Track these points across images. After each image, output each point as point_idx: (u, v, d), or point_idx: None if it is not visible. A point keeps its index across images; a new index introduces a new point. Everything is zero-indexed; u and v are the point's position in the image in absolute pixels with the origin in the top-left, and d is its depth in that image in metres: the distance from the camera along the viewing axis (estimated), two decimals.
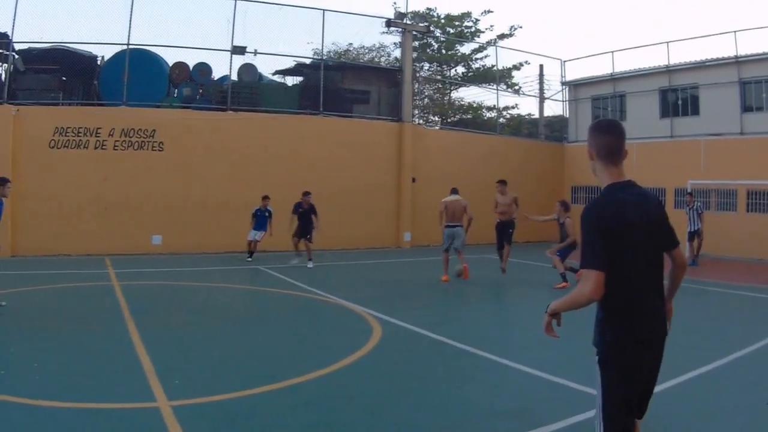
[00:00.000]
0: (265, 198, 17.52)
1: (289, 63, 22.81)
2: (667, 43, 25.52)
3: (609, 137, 3.63)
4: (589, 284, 3.28)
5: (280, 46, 21.40)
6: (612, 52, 27.73)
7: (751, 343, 8.77)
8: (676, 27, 64.33)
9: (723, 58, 23.80)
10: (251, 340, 8.69)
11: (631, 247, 3.34)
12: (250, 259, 17.39)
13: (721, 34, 24.20)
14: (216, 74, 21.75)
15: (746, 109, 23.43)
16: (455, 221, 14.88)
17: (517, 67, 32.32)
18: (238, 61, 21.01)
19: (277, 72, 23.18)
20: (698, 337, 9.10)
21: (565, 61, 30.02)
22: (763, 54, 22.54)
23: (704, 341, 8.97)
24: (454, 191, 15.99)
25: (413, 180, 22.93)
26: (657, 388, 3.66)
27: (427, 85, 33.63)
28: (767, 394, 6.48)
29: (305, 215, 16.76)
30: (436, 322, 9.86)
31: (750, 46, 22.86)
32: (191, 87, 20.97)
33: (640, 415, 3.56)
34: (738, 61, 23.26)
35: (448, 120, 32.94)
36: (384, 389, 6.51)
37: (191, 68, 20.98)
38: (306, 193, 16.88)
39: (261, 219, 17.47)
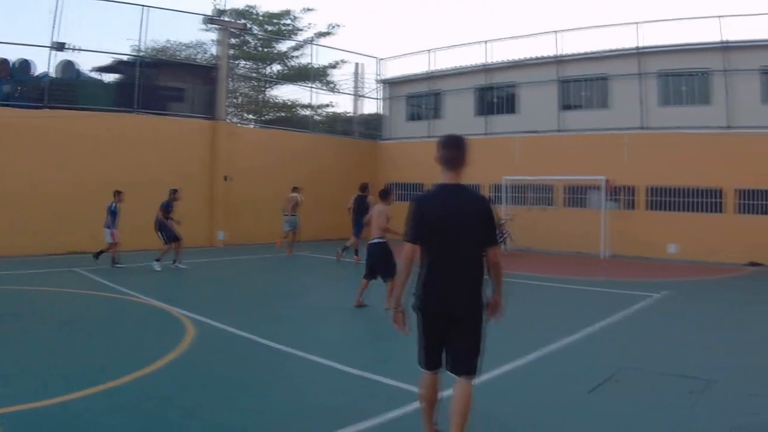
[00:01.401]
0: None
1: (107, 60, 22.07)
2: (486, 42, 26.77)
3: (446, 150, 4.68)
4: (404, 252, 4.64)
5: (100, 43, 20.60)
6: (429, 50, 28.80)
7: (568, 334, 9.23)
8: (496, 26, 67.59)
9: (543, 58, 25.11)
10: (67, 345, 8.36)
11: (438, 235, 4.52)
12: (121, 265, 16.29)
13: (541, 33, 25.33)
14: (35, 70, 20.74)
15: (565, 107, 24.91)
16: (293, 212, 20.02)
17: (334, 66, 32.82)
18: (59, 57, 20.06)
19: (96, 69, 22.42)
20: (516, 329, 9.16)
21: (381, 60, 30.99)
22: (583, 54, 24.21)
23: (521, 333, 9.23)
24: (295, 189, 20.76)
25: (226, 178, 22.89)
26: (476, 380, 4.64)
27: (243, 83, 33.46)
28: (588, 383, 6.77)
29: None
30: (252, 322, 9.80)
31: (570, 46, 24.70)
32: (11, 84, 19.93)
33: (454, 367, 4.58)
34: (558, 61, 24.74)
35: (264, 118, 33.04)
36: (201, 390, 6.45)
37: (11, 65, 19.92)
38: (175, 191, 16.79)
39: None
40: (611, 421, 5.84)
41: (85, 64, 21.51)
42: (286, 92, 39.12)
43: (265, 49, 34.81)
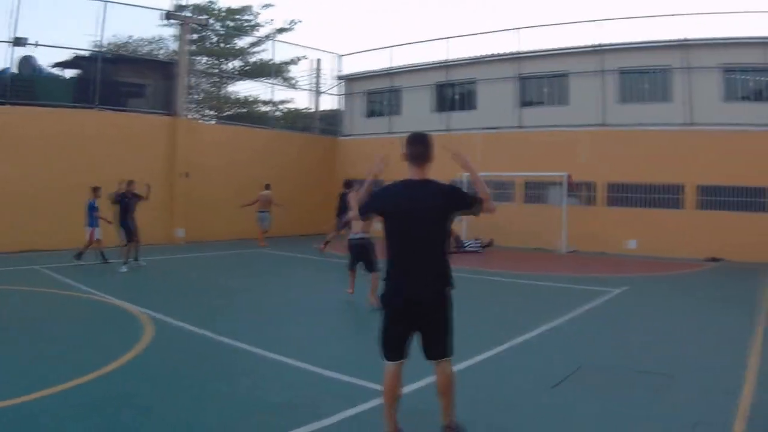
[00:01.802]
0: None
1: (68, 55, 21.49)
2: (446, 39, 26.55)
3: (412, 147, 4.90)
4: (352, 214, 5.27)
5: (60, 38, 20.19)
6: (389, 47, 28.51)
7: (530, 329, 9.21)
8: (456, 23, 67.80)
9: (503, 54, 25.03)
10: (24, 344, 8.16)
11: (401, 228, 4.73)
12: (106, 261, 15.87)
13: (501, 31, 25.44)
14: None
15: (524, 103, 24.89)
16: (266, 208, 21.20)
17: (294, 62, 32.54)
18: (19, 52, 19.58)
19: (56, 65, 21.88)
20: (476, 325, 9.30)
21: (341, 56, 30.85)
22: (543, 51, 24.25)
23: (484, 328, 9.31)
24: (267, 187, 21.78)
25: (186, 175, 22.51)
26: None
27: (203, 79, 33.06)
28: (550, 378, 6.76)
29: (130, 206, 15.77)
30: (211, 320, 9.66)
31: (530, 43, 24.49)
32: None
33: (427, 354, 4.77)
34: (518, 57, 24.65)
35: (224, 114, 32.69)
36: (160, 388, 6.39)
37: None
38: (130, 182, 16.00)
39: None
40: (574, 416, 5.79)
41: (45, 59, 21.25)
42: (245, 88, 38.84)
43: (225, 45, 34.43)
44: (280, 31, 35.66)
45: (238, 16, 35.47)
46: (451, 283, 4.78)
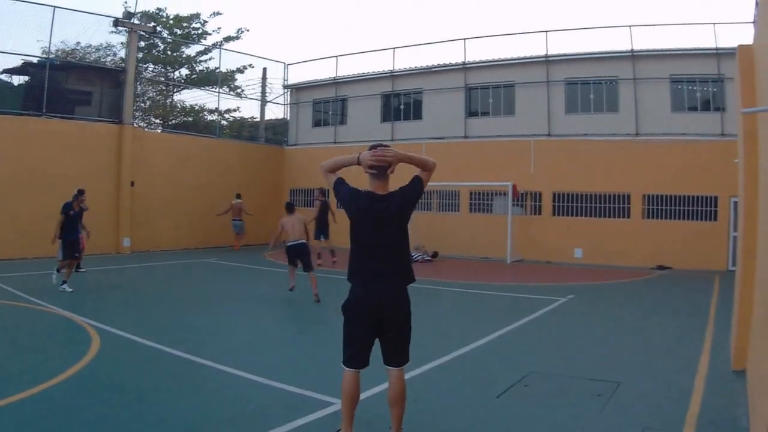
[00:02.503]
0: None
1: (17, 61, 20.95)
2: (393, 49, 26.78)
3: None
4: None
5: (9, 44, 19.56)
6: (336, 56, 28.52)
7: (476, 339, 9.11)
8: (403, 33, 68.15)
9: (450, 65, 25.13)
10: None
11: (359, 230, 4.90)
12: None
13: (449, 41, 25.38)
14: None
15: (471, 113, 24.96)
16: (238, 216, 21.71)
17: (241, 70, 32.35)
18: None
19: (5, 71, 21.24)
20: (424, 334, 9.21)
21: (288, 65, 30.63)
22: (490, 61, 24.36)
23: (429, 338, 9.12)
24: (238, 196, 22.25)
25: (132, 184, 22.04)
26: (383, 384, 5.02)
27: (151, 87, 32.52)
28: (497, 387, 6.69)
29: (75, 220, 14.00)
30: (156, 331, 9.58)
31: (477, 53, 24.63)
32: None
33: (389, 360, 4.88)
34: (465, 68, 24.80)
35: (170, 122, 32.09)
36: (105, 401, 6.19)
37: None
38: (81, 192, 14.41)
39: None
40: (521, 425, 5.70)
41: None
42: (192, 97, 38.36)
43: (173, 53, 33.91)
44: (228, 39, 35.48)
45: (186, 24, 35.04)
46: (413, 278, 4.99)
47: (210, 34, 35.62)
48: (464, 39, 24.75)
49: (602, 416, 5.80)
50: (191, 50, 34.14)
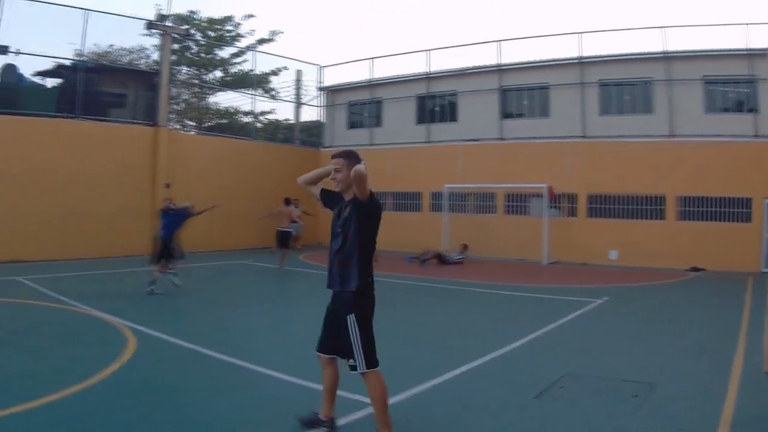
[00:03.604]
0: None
1: (50, 64, 21.36)
2: (428, 51, 26.85)
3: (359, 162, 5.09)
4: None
5: (42, 47, 20.02)
6: (371, 59, 28.68)
7: (513, 340, 9.15)
8: (438, 36, 68.05)
9: (485, 67, 25.22)
10: (5, 357, 7.90)
11: (375, 231, 5.14)
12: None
13: (483, 43, 25.46)
14: None
15: (506, 115, 25.02)
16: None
17: (275, 73, 32.51)
18: (1, 61, 19.48)
19: (38, 73, 21.67)
20: (460, 336, 9.58)
21: (323, 67, 30.84)
22: (524, 63, 24.41)
23: (465, 340, 9.29)
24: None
25: (167, 185, 22.22)
26: (422, 386, 5.39)
27: (185, 89, 32.92)
28: (533, 389, 6.72)
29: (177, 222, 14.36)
30: (193, 332, 9.62)
31: (511, 55, 24.64)
32: None
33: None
34: (499, 70, 24.88)
35: (205, 125, 32.53)
36: (141, 403, 6.17)
37: None
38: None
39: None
40: (557, 426, 5.73)
41: (27, 68, 21.13)
42: (226, 99, 38.70)
43: (207, 56, 34.33)
44: (262, 41, 35.78)
45: (219, 27, 35.42)
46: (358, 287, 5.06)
47: (243, 37, 35.95)
48: (498, 41, 24.91)
49: (637, 417, 5.86)
50: (225, 53, 34.49)
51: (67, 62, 21.72)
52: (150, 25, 23.15)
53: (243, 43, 35.43)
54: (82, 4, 20.40)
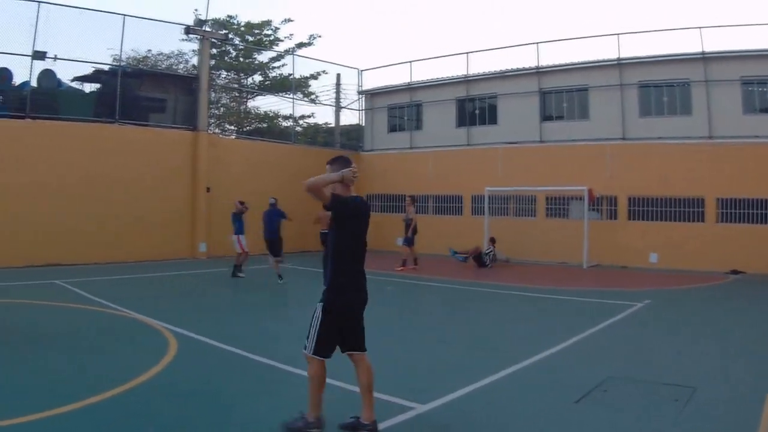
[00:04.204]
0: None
1: (88, 69, 21.67)
2: (467, 53, 26.83)
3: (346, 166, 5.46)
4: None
5: (79, 52, 20.34)
6: (410, 62, 28.76)
7: (555, 344, 9.24)
8: (476, 38, 67.91)
9: (524, 69, 25.24)
10: (47, 359, 8.02)
11: (353, 232, 5.51)
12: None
13: (522, 45, 25.46)
14: (13, 79, 20.36)
15: (545, 118, 24.99)
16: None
17: (314, 76, 32.68)
18: (39, 66, 19.71)
19: (76, 78, 22.06)
20: (503, 339, 9.79)
21: (362, 71, 30.98)
22: (563, 65, 24.39)
23: (508, 343, 9.50)
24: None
25: (208, 190, 22.69)
26: (463, 390, 5.37)
27: (224, 94, 33.33)
28: (575, 392, 6.76)
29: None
30: (234, 335, 9.65)
31: (550, 57, 24.76)
32: None
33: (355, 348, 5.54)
34: (538, 72, 24.87)
35: (244, 129, 32.95)
36: (183, 406, 6.27)
37: None
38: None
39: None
40: (599, 430, 5.83)
41: (66, 73, 21.34)
42: (266, 103, 39.06)
43: (246, 60, 34.73)
44: (300, 45, 36.08)
45: (257, 31, 35.78)
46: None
47: (282, 41, 36.33)
48: (537, 43, 24.83)
49: (679, 421, 5.93)
50: (264, 57, 34.87)
51: (106, 67, 21.98)
52: (188, 30, 23.44)
53: (281, 47, 35.80)
54: (122, 9, 20.75)
